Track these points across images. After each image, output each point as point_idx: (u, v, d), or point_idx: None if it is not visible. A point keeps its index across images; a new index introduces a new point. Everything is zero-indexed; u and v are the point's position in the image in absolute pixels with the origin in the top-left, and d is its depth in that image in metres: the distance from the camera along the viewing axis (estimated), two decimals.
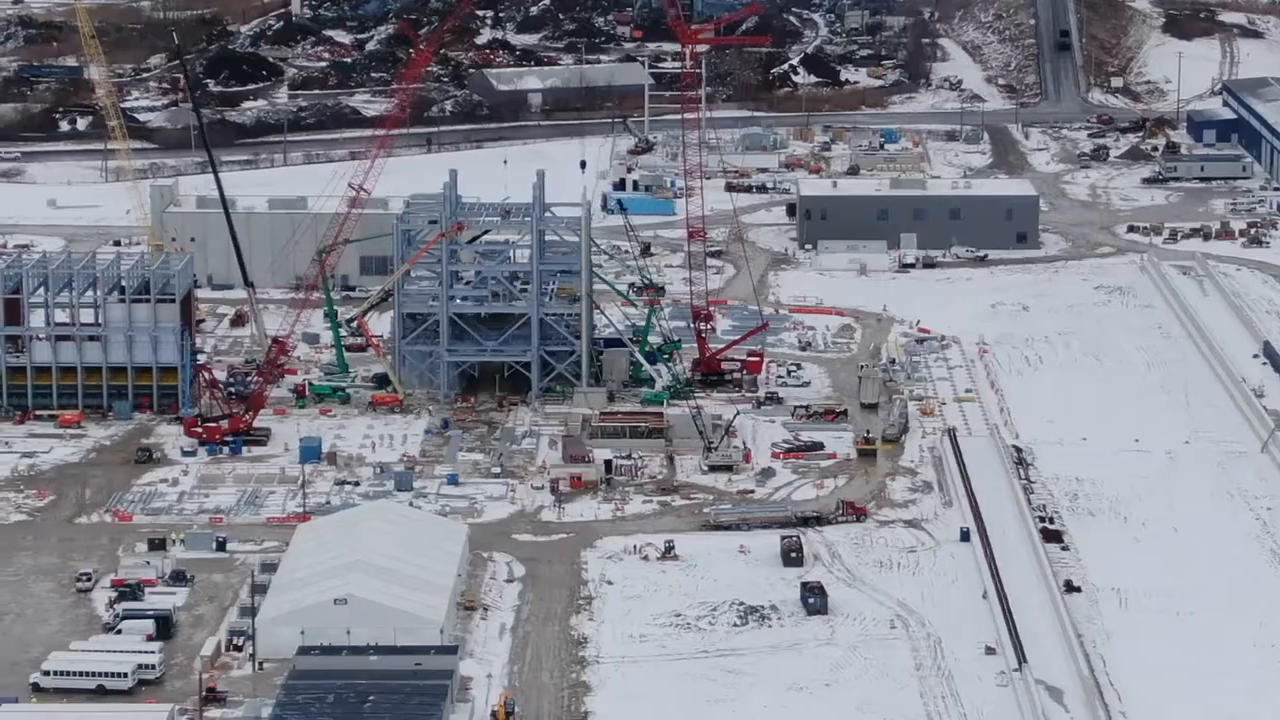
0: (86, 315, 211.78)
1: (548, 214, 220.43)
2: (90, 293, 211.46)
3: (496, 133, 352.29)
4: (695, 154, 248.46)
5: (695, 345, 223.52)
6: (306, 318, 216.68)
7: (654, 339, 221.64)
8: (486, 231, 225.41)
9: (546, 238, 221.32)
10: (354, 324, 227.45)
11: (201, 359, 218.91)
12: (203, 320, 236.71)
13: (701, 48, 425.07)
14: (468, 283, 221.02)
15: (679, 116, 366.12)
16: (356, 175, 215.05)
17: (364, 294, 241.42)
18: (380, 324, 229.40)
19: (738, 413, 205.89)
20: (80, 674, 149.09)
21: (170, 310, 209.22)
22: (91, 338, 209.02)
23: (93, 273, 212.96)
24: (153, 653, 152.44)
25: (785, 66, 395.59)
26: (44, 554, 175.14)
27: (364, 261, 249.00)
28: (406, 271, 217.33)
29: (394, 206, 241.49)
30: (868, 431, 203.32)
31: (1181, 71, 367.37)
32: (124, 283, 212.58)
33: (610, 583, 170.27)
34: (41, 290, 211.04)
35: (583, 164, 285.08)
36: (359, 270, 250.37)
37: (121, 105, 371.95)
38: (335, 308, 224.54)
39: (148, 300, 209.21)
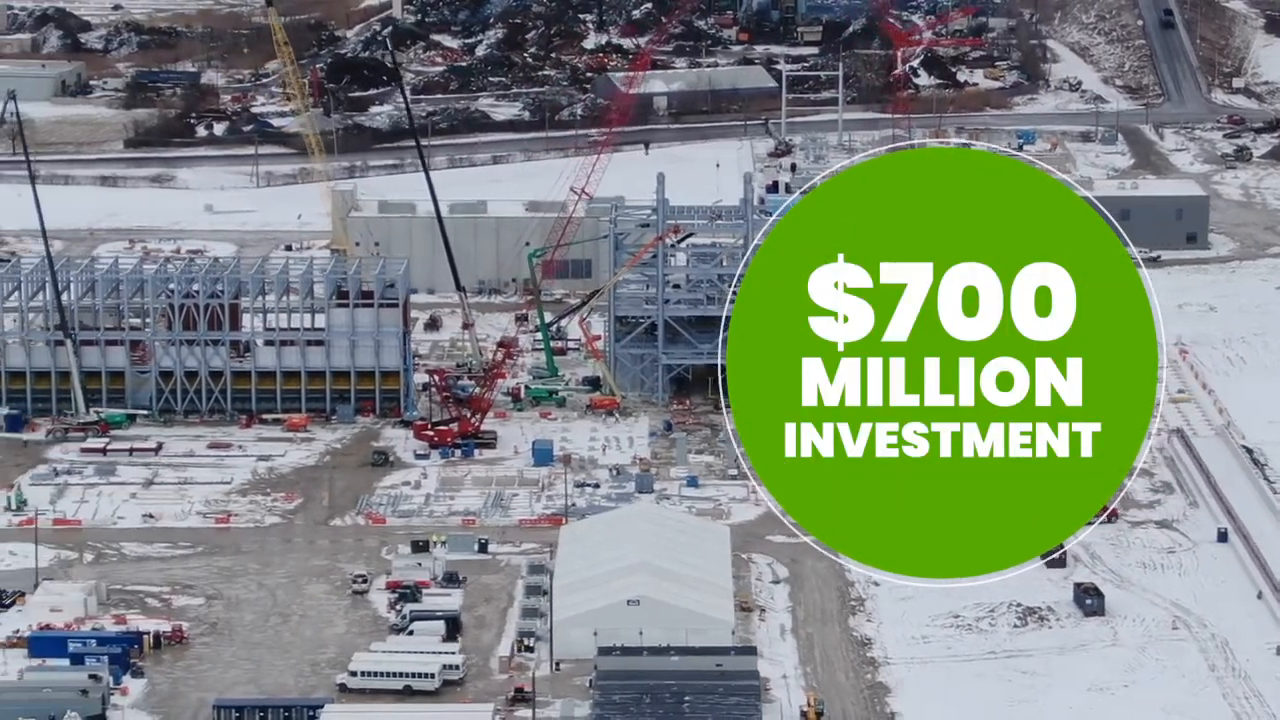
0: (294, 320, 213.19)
1: (757, 216, 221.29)
2: (309, 298, 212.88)
3: (628, 136, 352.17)
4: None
5: None
6: (501, 321, 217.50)
7: None
8: (692, 234, 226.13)
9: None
10: (556, 327, 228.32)
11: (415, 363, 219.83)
12: None
13: (811, 50, 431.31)
14: (676, 286, 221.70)
15: (809, 119, 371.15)
16: (578, 179, 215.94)
17: (548, 298, 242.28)
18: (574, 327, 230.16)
19: None
20: (387, 674, 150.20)
21: (393, 314, 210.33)
22: (314, 342, 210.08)
23: (310, 278, 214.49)
24: (454, 653, 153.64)
25: (905, 68, 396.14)
26: (309, 556, 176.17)
27: (546, 265, 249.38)
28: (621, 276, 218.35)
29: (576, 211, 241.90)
30: None
31: None
32: (344, 287, 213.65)
33: (877, 584, 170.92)
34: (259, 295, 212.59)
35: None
36: (542, 274, 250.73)
37: (251, 110, 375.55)
38: (544, 311, 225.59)
39: (370, 305, 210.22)
